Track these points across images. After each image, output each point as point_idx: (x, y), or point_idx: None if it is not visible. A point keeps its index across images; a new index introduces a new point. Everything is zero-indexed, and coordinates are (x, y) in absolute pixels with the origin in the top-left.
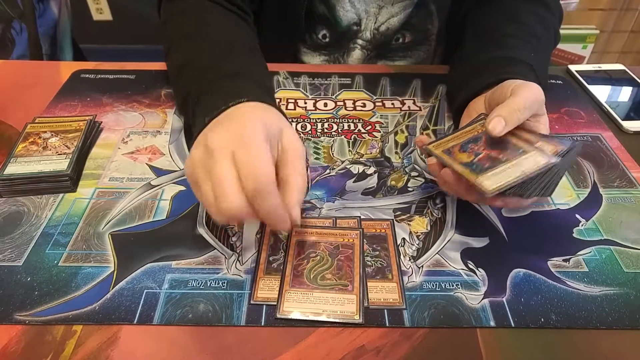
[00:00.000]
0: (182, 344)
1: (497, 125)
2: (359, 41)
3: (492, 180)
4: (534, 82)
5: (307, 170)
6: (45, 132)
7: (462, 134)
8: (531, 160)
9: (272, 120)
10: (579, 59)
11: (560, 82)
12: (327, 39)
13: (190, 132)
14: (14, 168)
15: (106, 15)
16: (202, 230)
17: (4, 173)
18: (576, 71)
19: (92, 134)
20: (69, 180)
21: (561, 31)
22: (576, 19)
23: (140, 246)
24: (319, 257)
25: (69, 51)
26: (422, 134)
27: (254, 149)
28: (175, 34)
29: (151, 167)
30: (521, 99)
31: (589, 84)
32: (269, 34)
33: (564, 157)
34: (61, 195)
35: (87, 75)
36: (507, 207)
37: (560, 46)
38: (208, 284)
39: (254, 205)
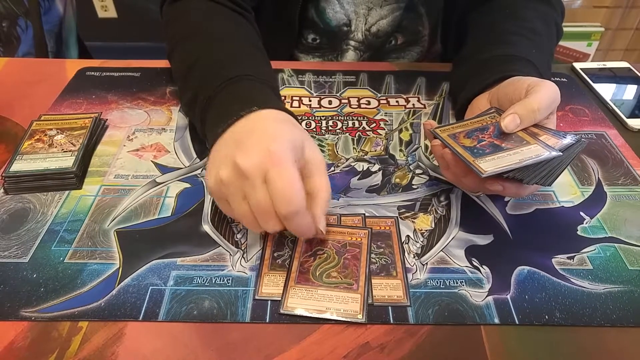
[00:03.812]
0: (187, 340)
1: (511, 123)
2: (352, 42)
3: (489, 164)
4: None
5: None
6: (50, 129)
7: (471, 123)
8: (532, 150)
9: (295, 132)
10: (583, 57)
11: (564, 79)
12: (318, 41)
13: (196, 131)
14: (20, 165)
15: (111, 12)
16: (207, 227)
17: (10, 170)
18: (581, 69)
19: (97, 131)
20: (75, 178)
21: (566, 29)
22: (581, 17)
23: (146, 243)
24: (325, 255)
25: (74, 48)
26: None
27: (285, 171)
28: (180, 34)
29: (156, 164)
30: (539, 99)
31: (593, 82)
32: (265, 36)
33: (565, 151)
34: (67, 192)
35: (93, 73)
36: (506, 194)
37: (564, 44)
38: (213, 281)
39: (284, 222)
